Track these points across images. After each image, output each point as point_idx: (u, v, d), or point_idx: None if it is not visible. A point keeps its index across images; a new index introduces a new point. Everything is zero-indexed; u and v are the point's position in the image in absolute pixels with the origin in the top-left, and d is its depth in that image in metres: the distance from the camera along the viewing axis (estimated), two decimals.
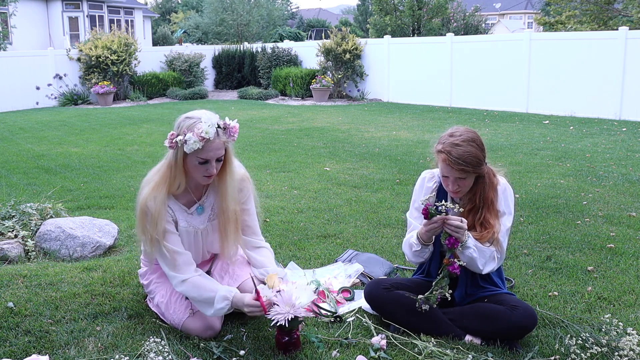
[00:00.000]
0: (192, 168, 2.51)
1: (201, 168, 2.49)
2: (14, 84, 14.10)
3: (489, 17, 41.13)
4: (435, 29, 20.02)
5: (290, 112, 12.35)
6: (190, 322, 2.59)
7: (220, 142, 2.48)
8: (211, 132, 2.41)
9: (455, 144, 2.54)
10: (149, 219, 2.51)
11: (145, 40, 30.77)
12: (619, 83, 10.48)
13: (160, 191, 2.52)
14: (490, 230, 2.59)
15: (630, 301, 3.02)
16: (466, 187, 2.61)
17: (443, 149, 2.56)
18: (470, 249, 2.53)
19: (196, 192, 2.70)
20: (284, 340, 2.45)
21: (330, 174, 6.22)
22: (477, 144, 2.57)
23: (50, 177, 6.33)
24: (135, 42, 15.58)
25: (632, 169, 6.23)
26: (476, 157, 2.54)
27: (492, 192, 2.63)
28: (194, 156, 2.46)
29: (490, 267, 2.62)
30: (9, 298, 2.86)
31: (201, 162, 2.47)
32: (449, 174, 2.58)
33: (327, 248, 3.86)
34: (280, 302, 2.40)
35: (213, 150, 2.46)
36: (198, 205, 2.69)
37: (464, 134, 2.58)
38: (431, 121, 10.63)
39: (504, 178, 2.73)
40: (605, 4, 16.43)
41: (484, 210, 2.61)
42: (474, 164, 2.53)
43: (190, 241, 2.70)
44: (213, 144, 2.45)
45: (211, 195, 2.72)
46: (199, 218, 2.69)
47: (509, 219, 2.66)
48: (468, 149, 2.53)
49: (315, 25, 45.18)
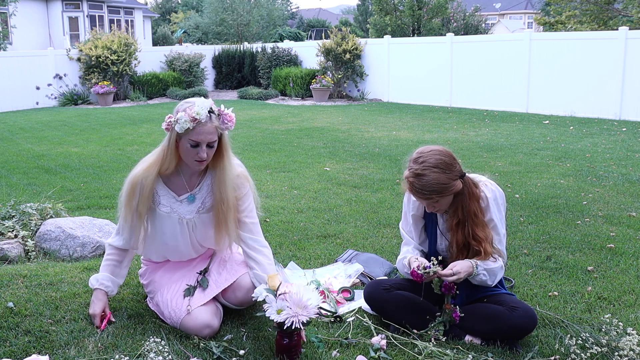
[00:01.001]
0: (184, 151, 2.54)
1: (192, 151, 2.52)
2: (14, 84, 14.09)
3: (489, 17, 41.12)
4: (435, 29, 20.01)
5: (290, 112, 12.35)
6: (187, 320, 2.59)
7: (212, 127, 2.50)
8: (202, 114, 2.46)
9: (417, 174, 2.48)
10: (137, 195, 2.61)
11: (145, 40, 30.77)
12: (619, 83, 10.49)
13: (152, 171, 2.60)
14: (483, 243, 2.56)
15: (630, 301, 3.02)
16: (444, 205, 2.58)
17: (407, 179, 2.52)
18: (480, 275, 2.54)
19: (190, 181, 2.70)
20: (284, 342, 2.44)
21: (330, 174, 6.22)
22: (442, 167, 2.48)
23: (50, 177, 6.33)
24: (135, 42, 15.58)
25: (632, 169, 6.23)
26: (441, 183, 2.47)
27: (473, 203, 2.56)
28: (186, 138, 2.49)
29: (499, 279, 2.64)
30: (9, 298, 2.86)
31: (192, 144, 2.50)
32: (418, 200, 2.58)
33: (327, 248, 3.86)
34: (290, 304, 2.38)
35: (204, 133, 2.48)
36: (189, 194, 2.69)
37: (427, 159, 2.50)
38: (431, 121, 10.63)
39: (492, 184, 2.67)
40: (605, 4, 16.43)
41: (470, 223, 2.56)
42: (439, 190, 2.48)
43: (175, 229, 2.69)
44: (204, 127, 2.48)
45: (204, 189, 2.71)
46: (187, 207, 2.68)
47: (502, 226, 2.64)
48: (432, 177, 2.46)
49: (315, 25, 45.18)
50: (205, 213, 2.70)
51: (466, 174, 2.59)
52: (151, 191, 2.63)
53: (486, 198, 2.60)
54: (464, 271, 2.50)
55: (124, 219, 2.70)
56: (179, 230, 2.69)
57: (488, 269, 2.56)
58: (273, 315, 2.37)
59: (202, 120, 2.47)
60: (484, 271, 2.55)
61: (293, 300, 2.38)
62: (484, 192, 2.61)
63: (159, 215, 2.67)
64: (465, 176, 2.58)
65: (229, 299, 2.72)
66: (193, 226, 2.70)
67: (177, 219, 2.67)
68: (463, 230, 2.58)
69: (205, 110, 2.48)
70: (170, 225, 2.68)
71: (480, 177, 2.68)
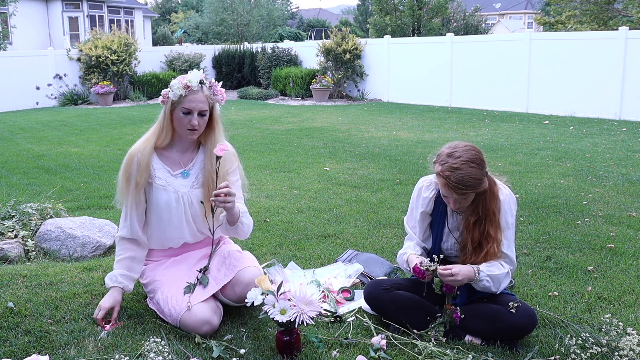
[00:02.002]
0: (177, 120, 2.70)
1: (185, 119, 2.67)
2: (14, 84, 14.09)
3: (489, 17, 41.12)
4: (435, 29, 20.00)
5: (290, 112, 12.35)
6: (187, 316, 2.59)
7: (204, 96, 2.67)
8: (194, 82, 2.65)
9: (454, 168, 2.45)
10: (134, 167, 2.71)
11: (145, 40, 30.77)
12: (619, 83, 10.49)
13: (149, 143, 2.75)
14: (492, 245, 2.55)
15: (630, 301, 3.02)
16: (467, 203, 2.57)
17: (442, 173, 2.48)
18: (482, 281, 2.54)
19: (183, 157, 2.82)
20: (284, 339, 2.44)
21: (330, 174, 6.22)
22: (477, 162, 2.48)
23: (50, 177, 6.33)
24: (135, 42, 15.59)
25: (632, 169, 6.23)
26: (476, 178, 2.46)
27: (493, 202, 2.57)
28: (180, 107, 2.66)
29: (504, 285, 2.62)
30: (9, 298, 2.86)
31: (184, 111, 2.66)
32: (449, 196, 2.54)
33: (327, 248, 3.86)
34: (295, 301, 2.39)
35: (196, 101, 2.65)
36: (184, 169, 2.80)
37: (463, 155, 2.47)
38: (431, 121, 10.63)
39: (507, 187, 2.67)
40: (605, 4, 16.43)
41: (487, 222, 2.56)
42: (474, 185, 2.47)
43: (170, 202, 2.76)
44: (196, 95, 2.66)
45: (198, 165, 2.83)
46: (182, 181, 2.79)
47: (512, 231, 2.64)
48: (468, 171, 2.44)
49: (315, 25, 45.18)
50: (198, 188, 2.80)
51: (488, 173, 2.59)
52: (148, 163, 2.73)
53: (500, 201, 2.61)
54: (462, 274, 2.49)
55: (124, 197, 2.77)
56: (174, 203, 2.77)
57: (492, 275, 2.54)
58: (277, 316, 2.37)
59: (194, 88, 2.66)
60: (487, 277, 2.53)
61: (297, 297, 2.39)
62: (505, 194, 2.62)
63: (154, 189, 2.77)
64: (488, 174, 2.58)
65: (228, 295, 2.72)
66: (189, 201, 2.78)
67: (172, 191, 2.77)
68: (479, 229, 2.57)
69: (197, 79, 2.66)
70: (165, 198, 2.76)
71: (497, 179, 2.68)
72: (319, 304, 2.42)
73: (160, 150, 2.80)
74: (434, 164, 2.56)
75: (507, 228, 2.61)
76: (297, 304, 2.38)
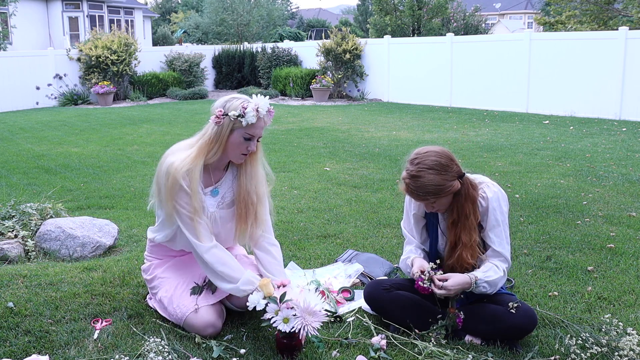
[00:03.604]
0: (234, 144, 2.61)
1: (243, 145, 2.62)
2: (14, 84, 14.09)
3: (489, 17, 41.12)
4: (435, 29, 20.01)
5: (290, 112, 12.35)
6: (193, 317, 2.59)
7: (264, 123, 2.65)
8: (264, 109, 2.60)
9: (413, 176, 2.47)
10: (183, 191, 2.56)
11: (145, 40, 30.77)
12: (619, 83, 10.49)
13: (197, 164, 2.59)
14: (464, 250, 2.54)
15: (630, 301, 3.02)
16: (443, 206, 2.57)
17: (403, 180, 2.52)
18: (480, 287, 2.54)
19: (214, 175, 2.76)
20: (284, 342, 2.44)
21: (330, 174, 6.22)
22: (438, 169, 2.47)
23: (50, 177, 6.33)
24: (135, 42, 15.58)
25: (632, 169, 6.23)
26: (437, 184, 2.46)
27: (468, 205, 2.54)
28: (242, 131, 2.59)
29: (500, 285, 2.63)
30: (9, 298, 2.86)
31: (247, 137, 2.61)
32: (415, 201, 2.58)
33: (327, 248, 3.86)
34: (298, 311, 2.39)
35: (259, 128, 2.63)
36: (214, 187, 2.75)
37: (423, 161, 2.48)
38: (431, 121, 10.63)
39: (494, 185, 2.64)
40: (605, 4, 16.43)
41: (460, 224, 2.55)
42: (434, 192, 2.47)
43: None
44: (261, 122, 2.63)
45: (226, 184, 2.77)
46: (211, 200, 2.73)
47: (503, 228, 2.60)
48: (428, 178, 2.45)
49: (315, 25, 45.18)
50: (224, 209, 2.75)
51: (466, 175, 2.58)
52: (197, 185, 2.61)
53: (487, 199, 2.58)
54: (454, 287, 2.49)
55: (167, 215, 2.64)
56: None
57: (489, 281, 2.54)
58: (280, 325, 2.37)
59: (262, 116, 2.61)
60: (485, 283, 2.54)
61: (301, 308, 2.39)
62: (485, 194, 2.59)
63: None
64: (465, 176, 2.56)
65: (233, 302, 2.73)
66: (214, 220, 2.74)
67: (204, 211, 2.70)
68: (455, 230, 2.58)
69: (266, 107, 2.62)
70: None
71: (483, 178, 2.65)
72: (322, 314, 2.42)
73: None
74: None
75: (497, 225, 2.58)
76: (301, 314, 2.38)
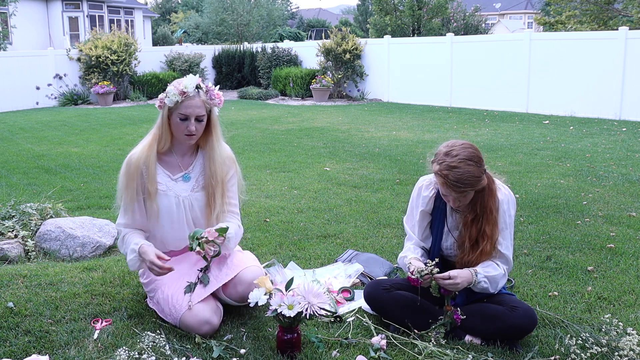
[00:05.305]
0: (175, 126, 2.68)
1: (182, 125, 2.66)
2: (14, 84, 14.09)
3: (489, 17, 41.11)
4: (435, 29, 20.00)
5: (290, 112, 12.35)
6: (187, 315, 2.60)
7: (200, 101, 2.65)
8: (190, 87, 2.62)
9: (452, 167, 2.45)
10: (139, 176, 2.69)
11: (145, 40, 30.77)
12: (619, 83, 10.48)
13: (152, 150, 2.72)
14: (487, 242, 2.56)
15: (630, 301, 3.02)
16: (467, 201, 2.57)
17: (440, 172, 2.48)
18: (480, 282, 2.55)
19: (183, 161, 2.81)
20: (285, 338, 2.44)
21: (330, 174, 6.22)
22: (475, 160, 2.48)
23: (50, 177, 6.33)
24: (135, 42, 15.58)
25: (632, 169, 6.23)
26: (474, 176, 2.46)
27: (491, 200, 2.57)
28: (176, 112, 2.64)
29: (501, 286, 2.63)
30: (9, 298, 2.86)
31: (182, 117, 2.64)
32: (448, 194, 2.55)
33: (327, 248, 3.86)
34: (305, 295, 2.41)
35: (192, 107, 2.63)
36: (185, 173, 2.79)
37: (460, 153, 2.48)
38: (431, 121, 10.63)
39: (506, 187, 2.67)
40: (605, 4, 16.43)
41: (484, 219, 2.57)
42: (473, 183, 2.48)
43: (170, 207, 2.75)
44: (192, 100, 2.63)
45: (197, 168, 2.82)
46: (183, 185, 2.78)
47: (509, 231, 2.64)
48: (466, 169, 2.45)
49: (315, 25, 45.17)
50: (199, 191, 2.80)
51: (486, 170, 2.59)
52: (155, 172, 2.71)
53: (506, 199, 2.61)
54: (460, 277, 2.50)
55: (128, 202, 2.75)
56: (175, 208, 2.76)
57: (489, 276, 2.55)
58: (286, 311, 2.36)
59: (190, 94, 2.62)
60: (485, 279, 2.54)
61: (304, 291, 2.40)
62: (504, 194, 2.63)
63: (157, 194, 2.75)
64: (487, 172, 2.58)
65: (230, 294, 2.72)
66: (190, 205, 2.78)
67: (173, 196, 2.76)
68: (477, 226, 2.58)
69: (193, 84, 2.63)
70: (166, 203, 2.75)
71: (496, 178, 2.68)
72: (327, 297, 2.43)
73: (160, 154, 2.78)
74: (432, 164, 2.57)
75: (505, 228, 2.62)
76: (306, 296, 2.40)
